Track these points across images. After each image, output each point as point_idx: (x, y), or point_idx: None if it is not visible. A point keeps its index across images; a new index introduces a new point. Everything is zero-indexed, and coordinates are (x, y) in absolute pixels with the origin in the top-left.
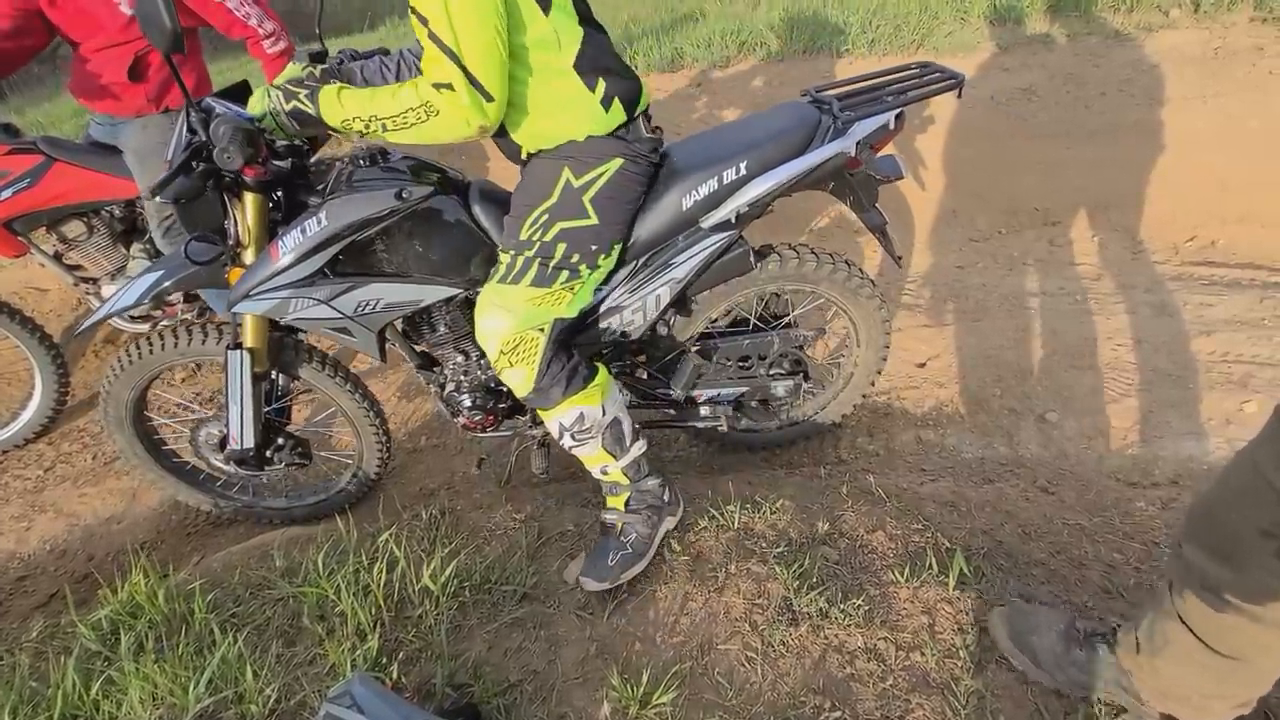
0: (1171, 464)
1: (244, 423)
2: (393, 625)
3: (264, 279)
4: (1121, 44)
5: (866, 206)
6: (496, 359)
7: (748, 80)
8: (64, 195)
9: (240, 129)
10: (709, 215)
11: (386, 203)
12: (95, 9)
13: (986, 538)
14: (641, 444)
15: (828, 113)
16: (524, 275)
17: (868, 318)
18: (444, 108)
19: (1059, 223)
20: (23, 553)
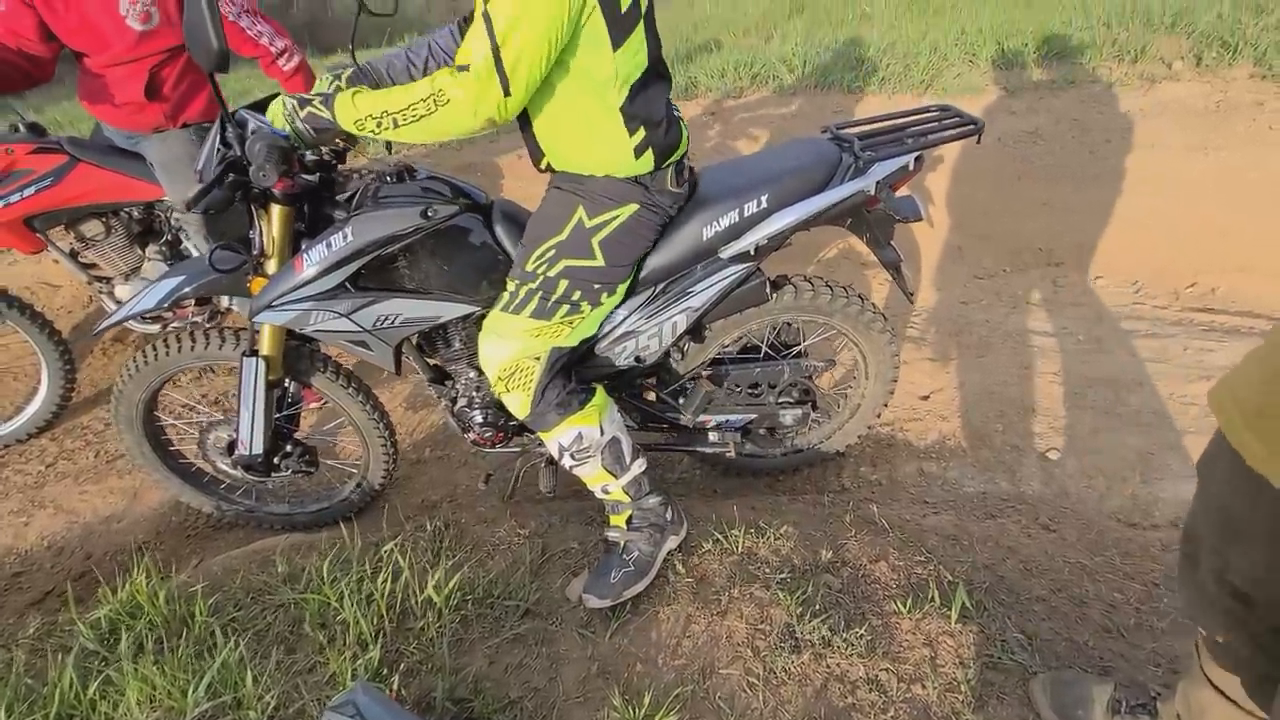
0: (1171, 506)
1: (254, 429)
2: (394, 636)
3: (287, 290)
4: (1125, 93)
5: (882, 243)
6: (495, 383)
7: (761, 111)
8: (85, 195)
9: (275, 146)
10: (728, 246)
11: (412, 220)
12: (101, 24)
13: (988, 572)
14: (641, 462)
15: (848, 151)
16: (524, 306)
17: (878, 351)
18: (455, 95)
19: (1062, 264)
20: (20, 548)
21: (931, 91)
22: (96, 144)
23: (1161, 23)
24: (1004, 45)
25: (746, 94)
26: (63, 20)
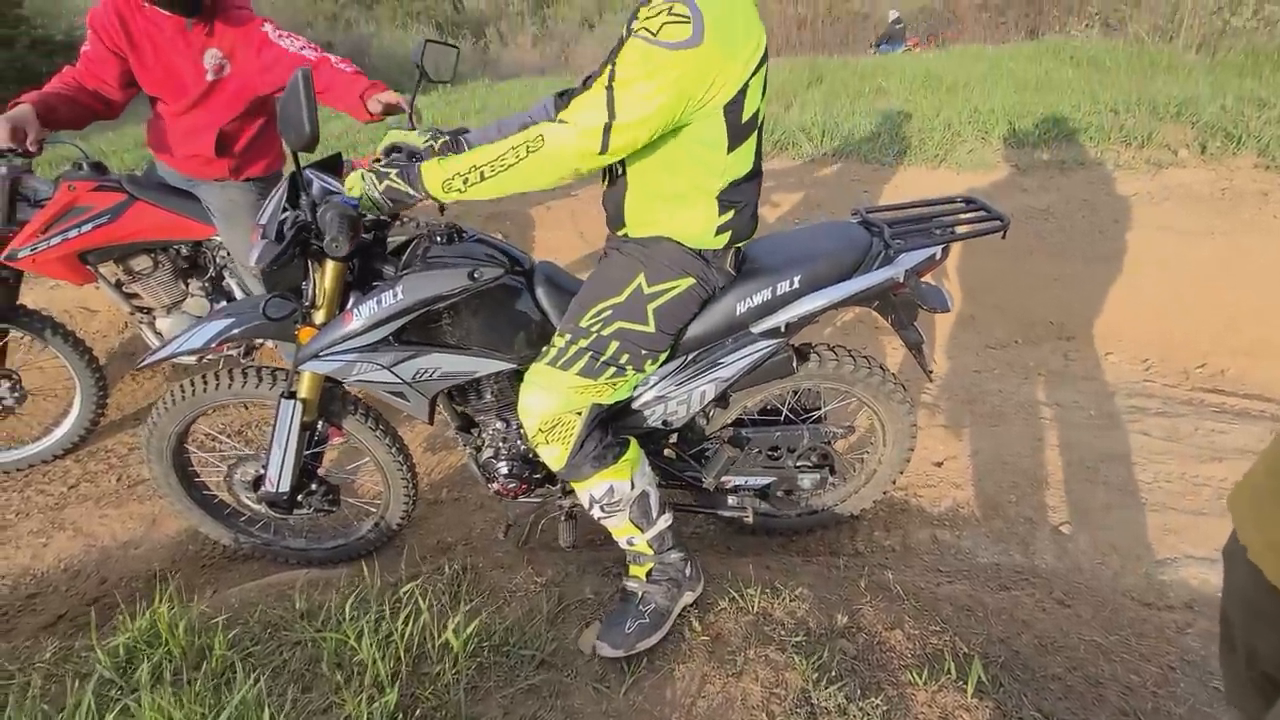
0: (1185, 588)
1: (284, 468)
2: (410, 680)
3: (334, 342)
4: (1133, 176)
5: (906, 324)
6: (534, 434)
7: (781, 177)
8: (140, 232)
9: (346, 216)
10: (760, 321)
11: (460, 281)
12: (183, 74)
13: (1004, 646)
14: (668, 517)
15: (878, 236)
16: (574, 363)
17: (896, 420)
18: (552, 142)
19: (1074, 338)
20: (37, 569)
21: (945, 165)
22: (152, 182)
23: (1167, 111)
24: (1015, 125)
25: (767, 159)
26: (150, 71)
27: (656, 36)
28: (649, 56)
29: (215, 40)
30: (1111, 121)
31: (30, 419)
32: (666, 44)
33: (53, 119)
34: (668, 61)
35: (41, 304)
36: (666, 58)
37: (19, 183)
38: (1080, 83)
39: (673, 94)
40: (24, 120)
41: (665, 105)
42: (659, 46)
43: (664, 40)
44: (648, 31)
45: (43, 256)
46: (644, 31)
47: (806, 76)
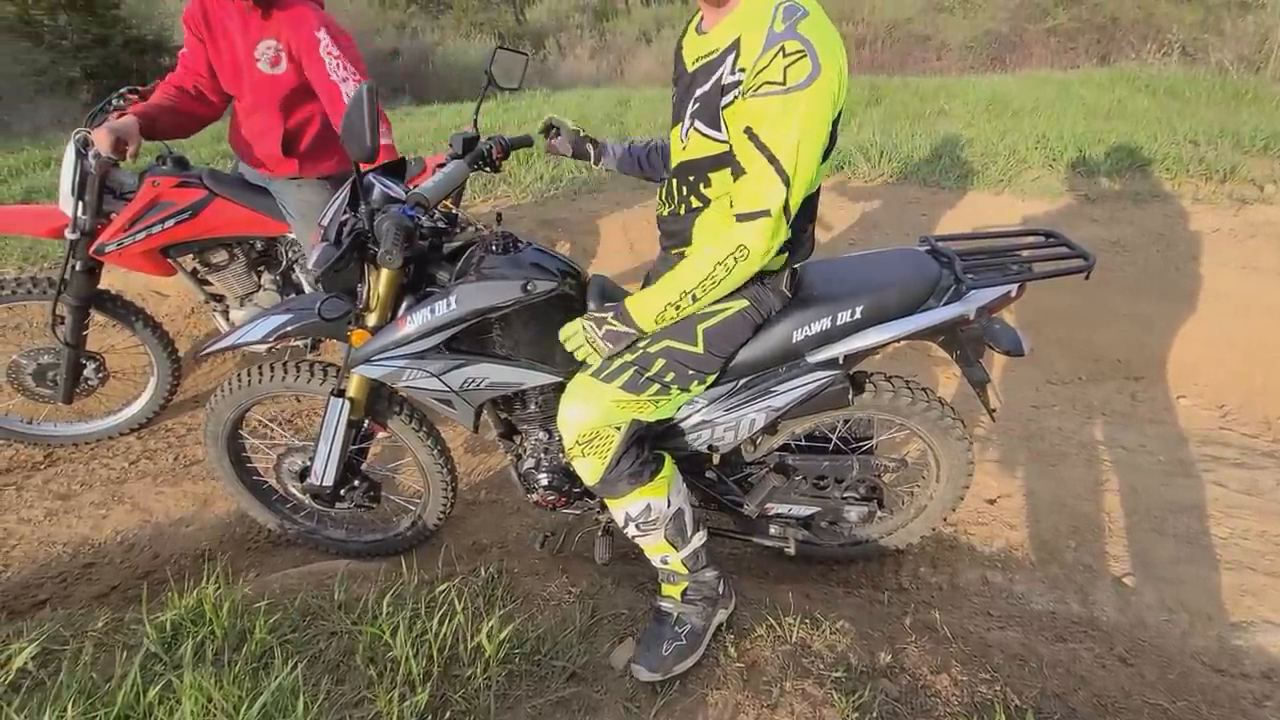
0: (1263, 656)
1: (329, 462)
2: (441, 681)
3: (386, 347)
4: (1213, 211)
5: (971, 361)
6: (571, 446)
7: (837, 197)
8: (218, 228)
9: (402, 227)
10: (816, 351)
11: (513, 294)
12: (242, 68)
13: (1059, 702)
14: (702, 535)
15: (947, 267)
16: (617, 377)
17: (952, 456)
18: (753, 243)
19: (1142, 378)
20: (95, 540)
21: (1009, 191)
22: (231, 179)
23: (1253, 145)
24: (1085, 153)
25: (823, 178)
26: (222, 60)
27: (786, 84)
28: (790, 106)
29: (272, 29)
30: (1190, 153)
31: (102, 395)
32: (799, 85)
33: (155, 129)
34: (808, 101)
35: (116, 286)
36: (805, 98)
37: (107, 177)
38: (1156, 112)
39: (821, 129)
40: (126, 131)
41: (819, 142)
42: (795, 92)
43: (795, 83)
44: (773, 84)
45: (127, 251)
46: (769, 86)
47: (866, 96)
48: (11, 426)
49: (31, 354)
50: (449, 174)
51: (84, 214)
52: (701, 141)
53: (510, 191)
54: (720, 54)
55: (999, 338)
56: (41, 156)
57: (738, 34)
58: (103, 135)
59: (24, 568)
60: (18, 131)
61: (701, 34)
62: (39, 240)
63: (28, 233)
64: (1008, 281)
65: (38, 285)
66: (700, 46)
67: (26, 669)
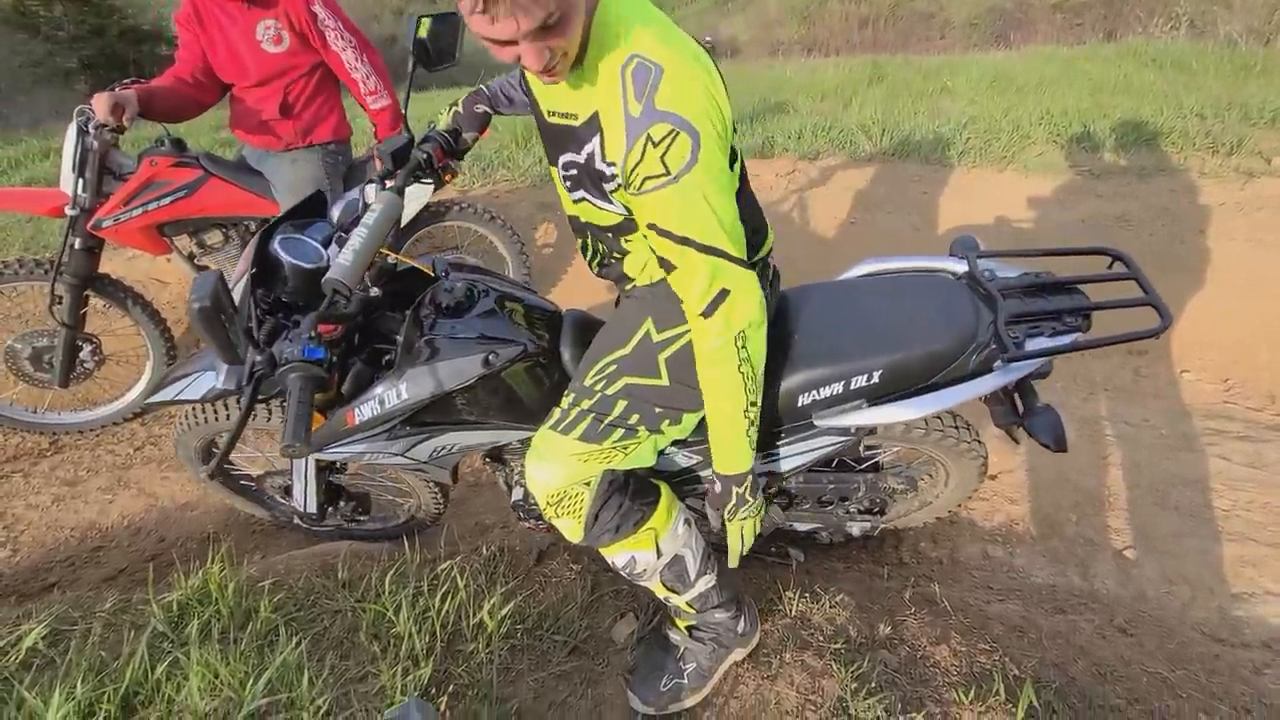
0: (1264, 626)
1: (307, 494)
2: (444, 656)
3: (339, 436)
4: (1219, 185)
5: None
6: (544, 508)
7: (838, 175)
8: (213, 207)
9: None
10: (826, 416)
11: (473, 371)
12: (242, 52)
13: (1058, 672)
14: (709, 578)
15: (985, 302)
16: (575, 427)
17: (964, 471)
18: (740, 320)
19: (1146, 353)
20: (103, 524)
21: (1012, 168)
22: (228, 162)
23: (1261, 117)
24: (1090, 128)
25: (823, 157)
26: (218, 54)
27: (672, 173)
28: (686, 190)
29: (270, 9)
30: (1197, 127)
31: (103, 382)
32: (686, 167)
33: (152, 107)
34: (701, 174)
35: (118, 274)
36: (698, 173)
37: (106, 157)
38: (1163, 86)
39: (723, 179)
40: (125, 100)
41: (727, 189)
42: (684, 176)
43: (680, 168)
44: (657, 178)
45: (124, 227)
46: (652, 181)
47: (867, 75)
48: (16, 415)
49: (27, 337)
50: (372, 228)
51: (84, 191)
52: (597, 212)
53: (509, 175)
54: (581, 126)
55: (1037, 426)
56: (40, 148)
57: (595, 108)
58: (101, 100)
59: (33, 552)
60: (16, 123)
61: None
62: (40, 232)
63: (28, 211)
64: (1058, 349)
65: (40, 266)
66: (553, 100)
67: (37, 648)
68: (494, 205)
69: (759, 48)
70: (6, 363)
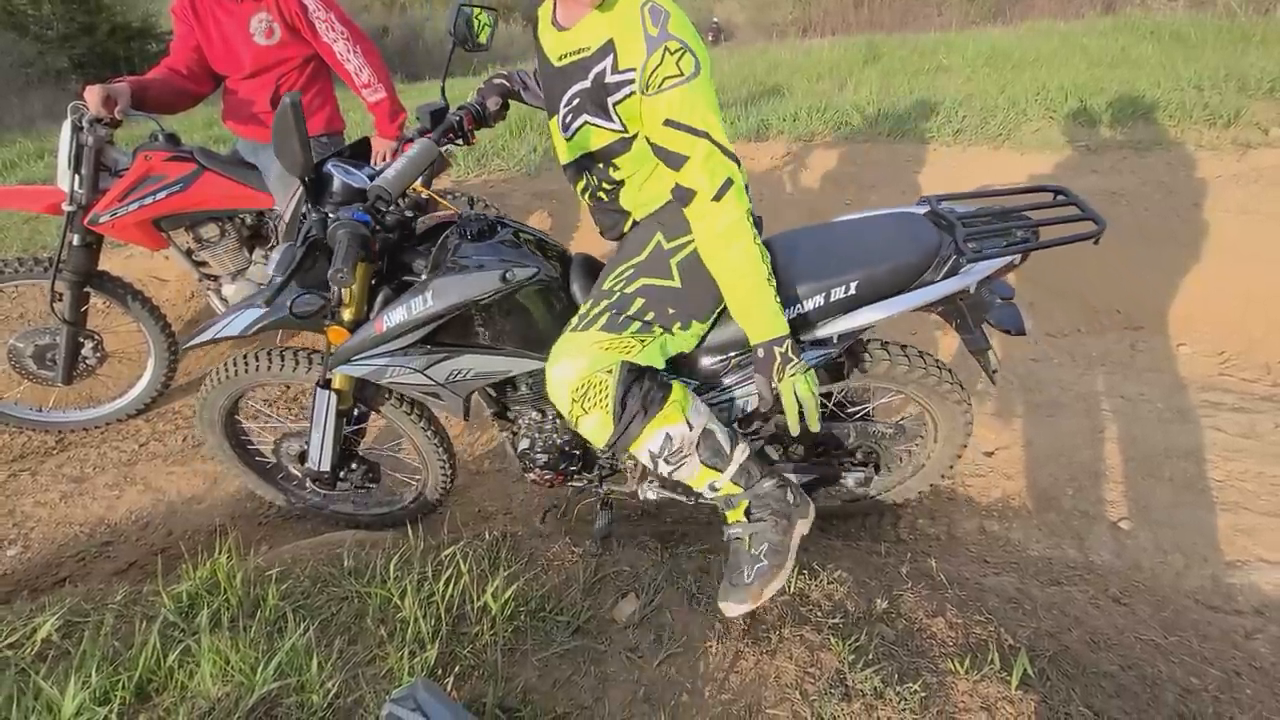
0: (1256, 593)
1: (323, 450)
2: (450, 639)
3: (365, 346)
4: (1216, 157)
5: (971, 329)
6: (570, 409)
7: (833, 157)
8: (208, 201)
9: (357, 237)
10: (810, 330)
11: (491, 284)
12: (236, 45)
13: (1052, 641)
14: (744, 448)
15: (947, 231)
16: (595, 322)
17: (951, 419)
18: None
19: (1142, 328)
20: (110, 519)
21: (1008, 145)
22: (222, 156)
23: (1259, 88)
24: (1086, 103)
25: (819, 138)
26: (214, 47)
27: (684, 75)
28: (695, 90)
29: (260, 2)
30: (1194, 99)
31: (106, 380)
32: (694, 74)
33: (145, 99)
34: (703, 84)
35: (115, 271)
36: (701, 82)
37: (102, 153)
38: (1161, 58)
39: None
40: (118, 93)
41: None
42: (693, 79)
43: (689, 73)
44: (674, 78)
45: (121, 222)
46: (670, 80)
47: (862, 55)
48: (22, 414)
49: (29, 335)
50: (413, 158)
51: (80, 187)
52: (597, 132)
53: (504, 165)
54: (593, 54)
55: (999, 316)
56: (35, 148)
57: (609, 36)
58: (93, 92)
59: (44, 548)
60: (9, 124)
61: (562, 30)
62: (38, 233)
63: (25, 208)
64: (1010, 251)
65: (39, 264)
66: (564, 44)
67: (51, 640)
68: (489, 194)
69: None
70: (10, 361)
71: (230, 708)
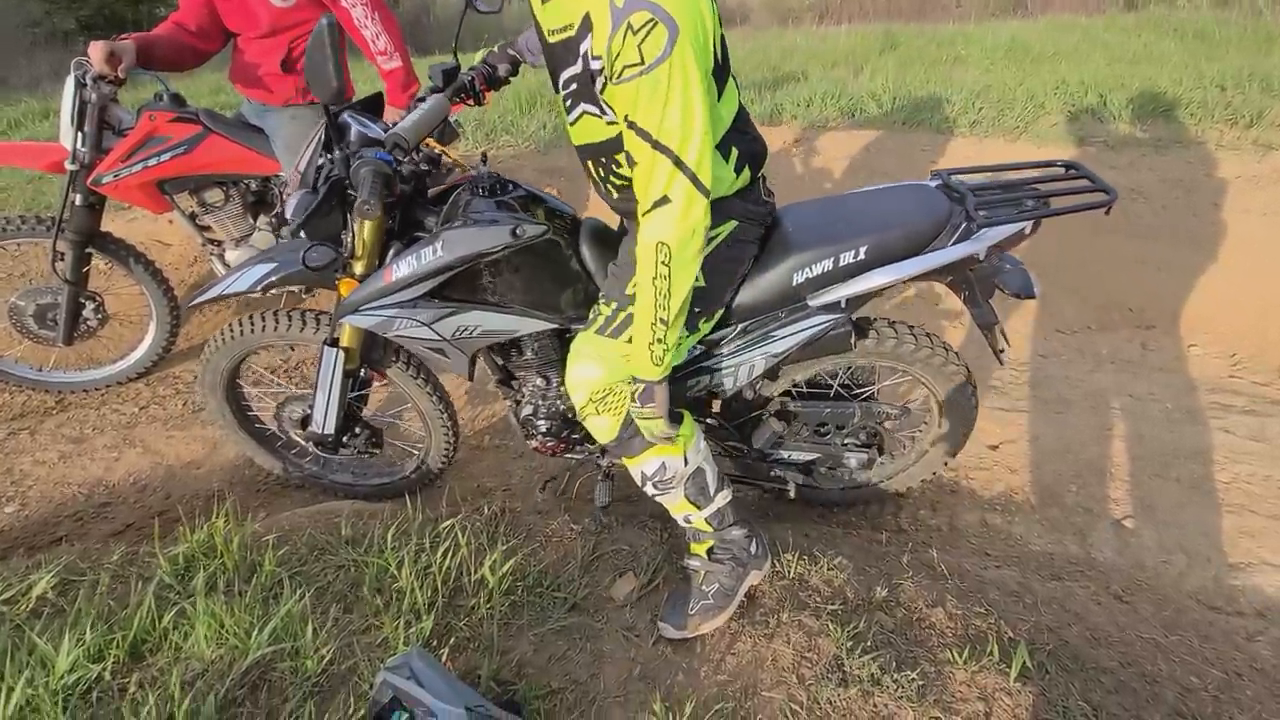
0: (1259, 595)
1: (328, 411)
2: (445, 610)
3: (374, 296)
4: (1237, 157)
5: (980, 302)
6: (583, 406)
7: (847, 143)
8: (212, 164)
9: (380, 174)
10: (818, 294)
11: (501, 238)
12: (253, 4)
13: (1052, 635)
14: (726, 494)
15: (958, 202)
16: (623, 330)
17: (955, 402)
18: (667, 234)
19: (1154, 327)
20: (109, 480)
21: (1025, 138)
22: (228, 119)
23: None
24: (1106, 98)
25: (832, 125)
26: (230, 2)
27: (645, 62)
28: (656, 84)
29: None
30: (1217, 98)
31: (107, 342)
32: (659, 59)
33: (150, 57)
34: (671, 70)
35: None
36: (668, 69)
37: (105, 111)
38: (1183, 56)
39: (698, 86)
40: (122, 50)
41: (701, 99)
42: (656, 68)
43: (654, 59)
44: (633, 67)
45: (124, 183)
46: (629, 70)
47: (879, 43)
48: (21, 373)
49: (30, 294)
50: (427, 110)
51: (83, 145)
52: (594, 124)
53: (513, 141)
54: (576, 31)
55: (1009, 280)
56: (40, 108)
57: (585, 9)
58: (97, 48)
59: (41, 507)
60: (15, 84)
61: (546, 1)
62: (40, 193)
63: (28, 165)
64: (1021, 218)
65: (42, 223)
66: (552, 18)
67: (46, 597)
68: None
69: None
70: (10, 319)
71: (224, 670)
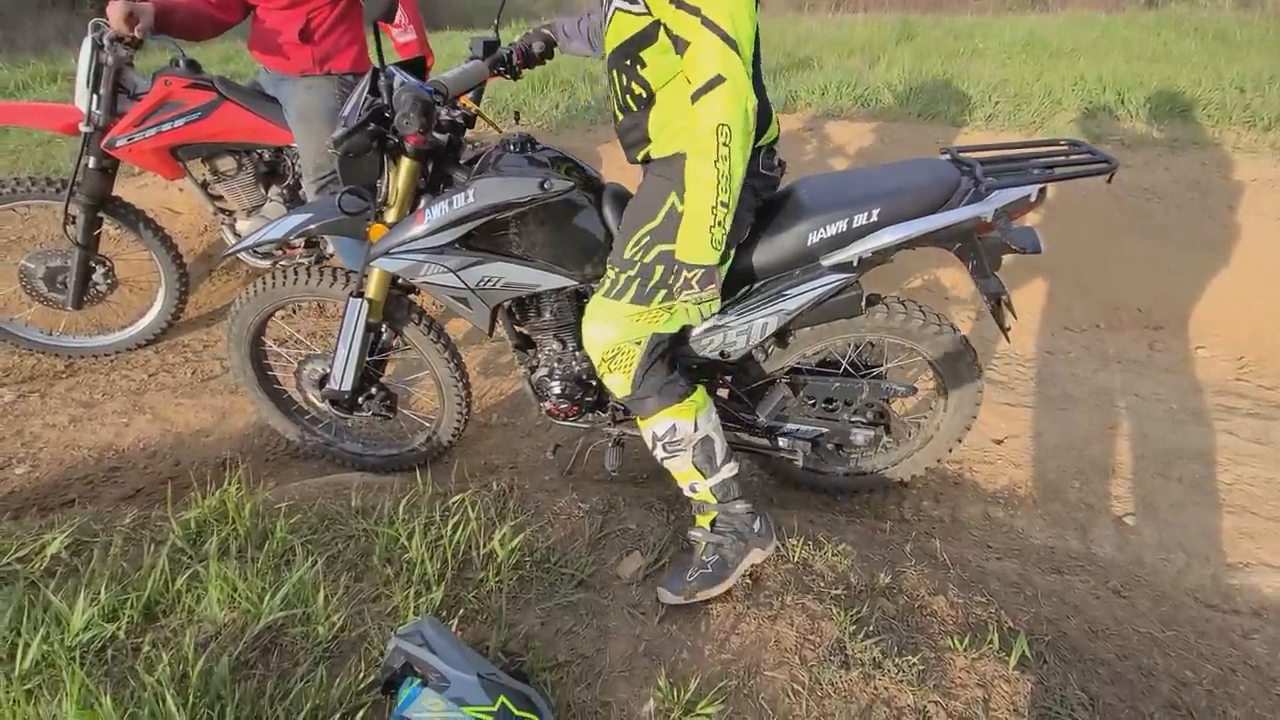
0: (1256, 594)
1: (348, 366)
2: (454, 582)
3: (405, 240)
4: (1255, 160)
5: (987, 273)
6: (599, 365)
7: (861, 132)
8: (226, 132)
9: (421, 99)
10: (831, 254)
11: (530, 190)
12: None
13: (1051, 627)
14: (732, 466)
15: (968, 174)
16: (625, 292)
17: (961, 384)
18: (725, 114)
19: (1162, 327)
20: (119, 446)
21: (1041, 133)
22: (243, 87)
23: None
24: (1124, 96)
25: (847, 114)
26: None
27: None
28: None
29: None
30: (1236, 99)
31: (116, 308)
32: None
33: (169, 22)
34: None
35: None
36: None
37: (121, 74)
38: (1203, 56)
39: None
40: (141, 11)
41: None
42: None
43: None
44: None
45: (138, 147)
46: None
47: (896, 33)
48: (32, 337)
49: (41, 256)
50: (467, 70)
51: (98, 108)
52: (624, 19)
53: (527, 120)
54: None
55: (1016, 237)
56: (47, 71)
57: None
58: (116, 7)
59: (51, 469)
60: (22, 46)
61: None
62: (51, 157)
63: (42, 126)
64: (1028, 182)
65: (52, 185)
66: None
67: (60, 556)
68: None
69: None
70: (21, 281)
71: (236, 633)
